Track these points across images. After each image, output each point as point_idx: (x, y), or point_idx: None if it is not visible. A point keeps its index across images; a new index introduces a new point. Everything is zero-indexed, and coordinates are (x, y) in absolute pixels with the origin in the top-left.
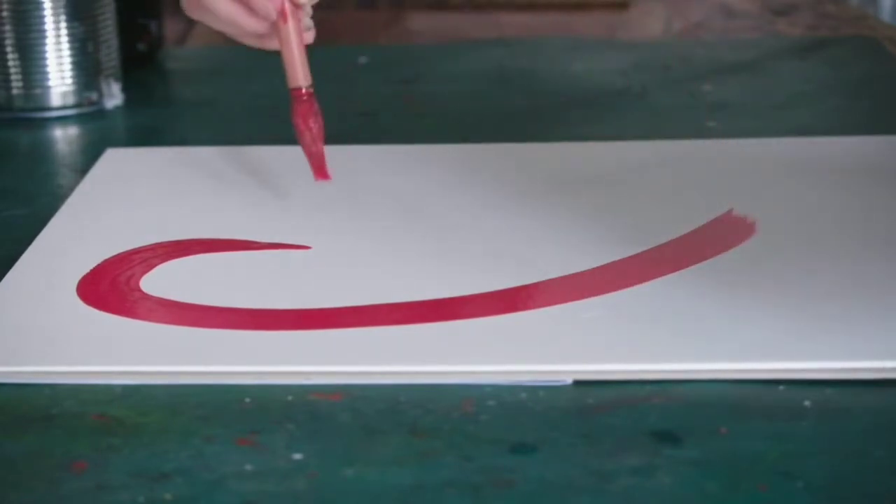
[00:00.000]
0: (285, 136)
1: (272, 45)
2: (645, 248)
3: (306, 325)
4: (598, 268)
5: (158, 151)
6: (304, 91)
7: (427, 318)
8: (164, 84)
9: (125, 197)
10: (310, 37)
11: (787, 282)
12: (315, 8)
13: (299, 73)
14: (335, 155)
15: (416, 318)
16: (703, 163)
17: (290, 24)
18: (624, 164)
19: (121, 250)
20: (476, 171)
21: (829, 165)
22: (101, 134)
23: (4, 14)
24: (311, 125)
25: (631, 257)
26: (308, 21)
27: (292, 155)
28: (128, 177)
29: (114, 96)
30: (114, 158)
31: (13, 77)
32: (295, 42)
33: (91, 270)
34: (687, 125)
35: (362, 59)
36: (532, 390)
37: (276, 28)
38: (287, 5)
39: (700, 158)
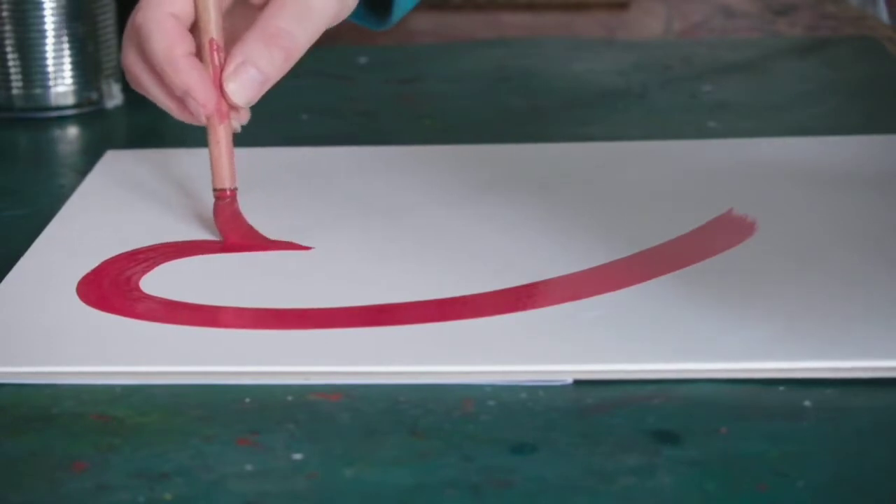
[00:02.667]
0: (285, 136)
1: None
2: (645, 248)
3: (307, 324)
4: (597, 267)
5: (158, 153)
6: (228, 192)
7: (427, 318)
8: None
9: (125, 197)
10: (243, 117)
11: (786, 281)
12: None
13: (226, 174)
14: (336, 155)
15: (417, 318)
16: (703, 163)
17: (222, 126)
18: (624, 165)
19: (121, 251)
20: (476, 172)
21: (829, 165)
22: (101, 134)
23: (4, 14)
24: (236, 227)
25: (631, 257)
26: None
27: (292, 155)
28: (128, 178)
29: (114, 96)
30: (114, 160)
31: (13, 77)
32: (224, 143)
33: (91, 271)
34: (687, 125)
35: (362, 59)
36: (532, 390)
37: (208, 125)
38: (223, 106)
39: (700, 158)
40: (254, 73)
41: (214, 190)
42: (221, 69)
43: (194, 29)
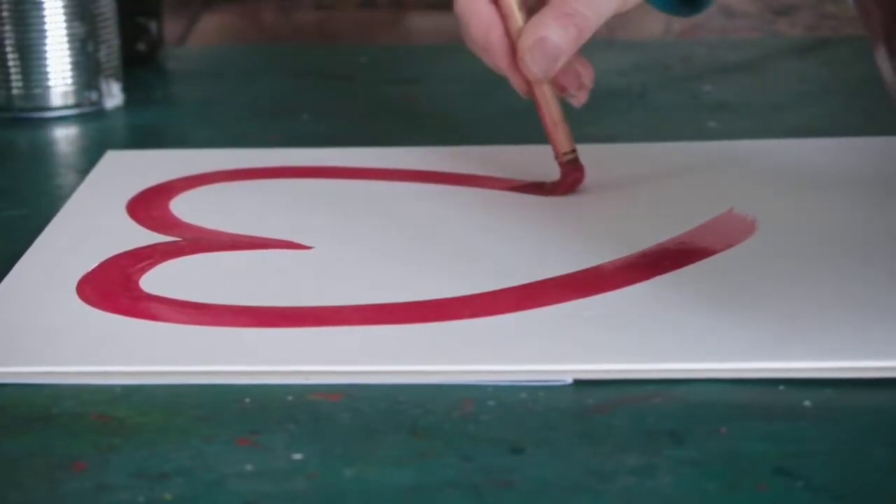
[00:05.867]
0: (285, 136)
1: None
2: (645, 248)
3: (307, 322)
4: (597, 267)
5: (158, 153)
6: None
7: (427, 318)
8: (164, 84)
9: (125, 197)
10: (582, 97)
11: (787, 281)
12: (316, 8)
13: (562, 139)
14: (336, 155)
15: (417, 317)
16: (703, 163)
17: (543, 97)
18: (624, 165)
19: (121, 250)
20: (477, 173)
21: (830, 166)
22: (101, 134)
23: (4, 14)
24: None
25: (631, 256)
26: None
27: (292, 155)
28: (128, 178)
29: (114, 96)
30: (114, 160)
31: (13, 77)
32: (548, 112)
33: (91, 270)
34: (687, 125)
35: (362, 59)
36: (532, 390)
37: (534, 99)
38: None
39: (700, 159)
40: (550, 46)
41: (560, 156)
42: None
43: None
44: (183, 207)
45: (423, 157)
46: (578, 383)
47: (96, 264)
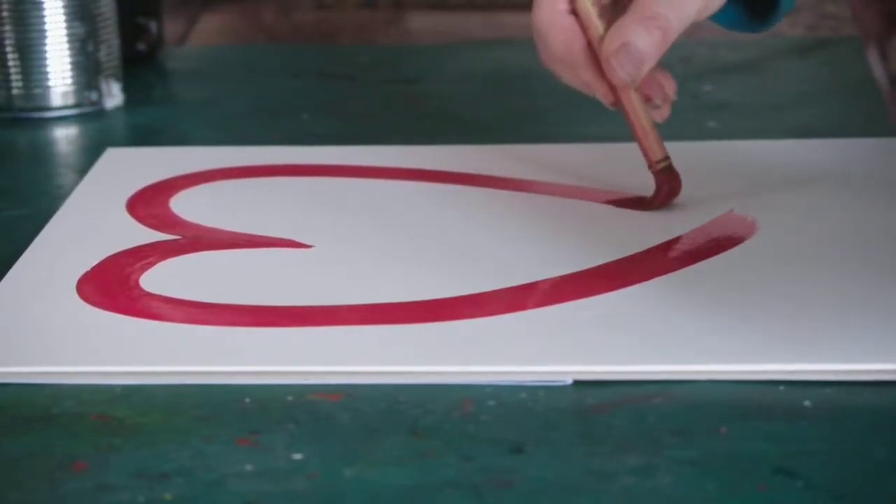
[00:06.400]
0: (285, 136)
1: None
2: (645, 248)
3: (307, 322)
4: (597, 267)
5: (158, 151)
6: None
7: (427, 318)
8: (164, 84)
9: (125, 195)
10: (665, 112)
11: (787, 282)
12: (316, 8)
13: (654, 146)
14: (336, 155)
15: (417, 318)
16: (703, 163)
17: (631, 106)
18: (623, 164)
19: (121, 248)
20: (477, 172)
21: (830, 166)
22: (101, 134)
23: (4, 14)
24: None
25: (631, 256)
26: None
27: (292, 155)
28: (128, 176)
29: (114, 96)
30: (114, 158)
31: (13, 77)
32: (637, 119)
33: (91, 269)
34: (687, 125)
35: (362, 59)
36: (532, 390)
37: (622, 109)
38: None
39: (700, 159)
40: (634, 51)
41: (654, 164)
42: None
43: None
44: (183, 205)
45: (424, 156)
46: (578, 383)
47: (96, 263)
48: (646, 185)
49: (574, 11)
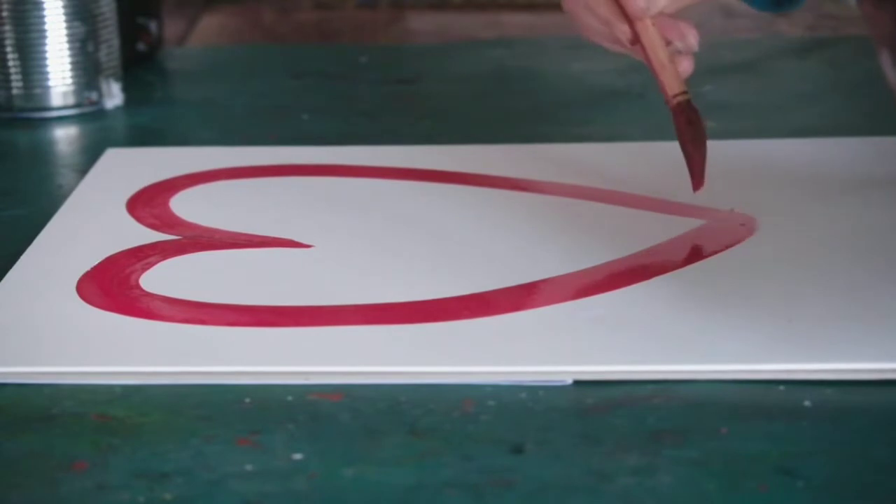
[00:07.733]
0: (285, 135)
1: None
2: (645, 248)
3: (307, 321)
4: (597, 267)
5: (158, 151)
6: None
7: (427, 318)
8: (164, 84)
9: (125, 195)
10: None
11: (786, 282)
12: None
13: (672, 81)
14: (336, 155)
15: (417, 318)
16: None
17: (647, 37)
18: (624, 164)
19: (121, 248)
20: (477, 172)
21: (830, 167)
22: (101, 134)
23: (4, 14)
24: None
25: (631, 256)
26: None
27: (292, 155)
28: (128, 176)
29: (114, 96)
30: (114, 158)
31: (13, 77)
32: (653, 50)
33: (91, 268)
34: None
35: (362, 59)
36: (532, 390)
37: (640, 43)
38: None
39: None
40: None
41: (670, 98)
42: None
43: None
44: (183, 205)
45: (423, 156)
46: (578, 383)
47: (96, 263)
48: (646, 184)
49: None
